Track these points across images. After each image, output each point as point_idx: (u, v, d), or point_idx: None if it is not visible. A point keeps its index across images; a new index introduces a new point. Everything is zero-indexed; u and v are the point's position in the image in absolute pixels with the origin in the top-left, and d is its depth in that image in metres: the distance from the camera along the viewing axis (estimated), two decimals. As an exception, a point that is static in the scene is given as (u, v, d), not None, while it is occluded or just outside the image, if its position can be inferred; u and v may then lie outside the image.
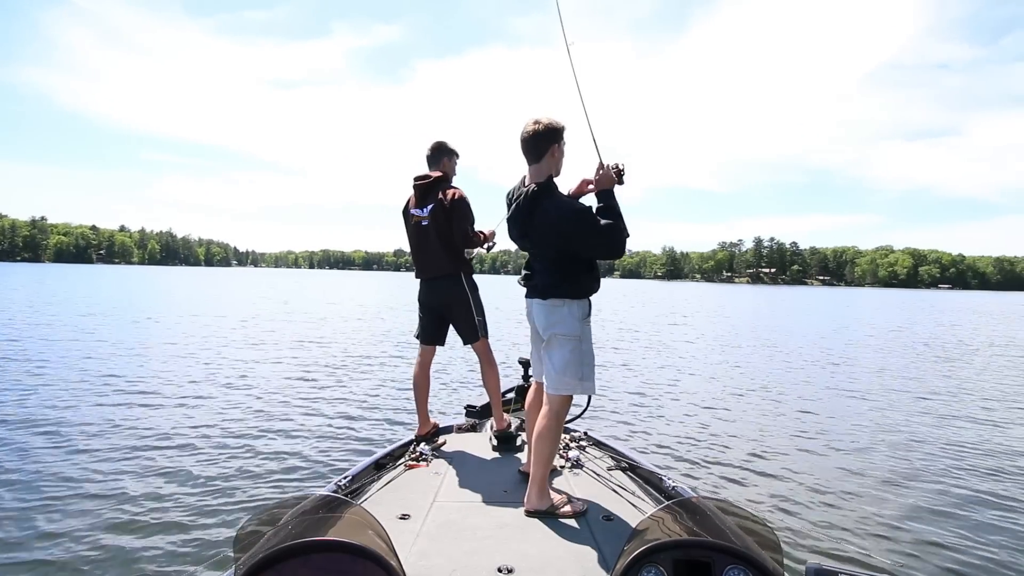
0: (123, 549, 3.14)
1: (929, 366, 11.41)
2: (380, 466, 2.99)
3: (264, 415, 6.12)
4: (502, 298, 31.62)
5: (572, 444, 3.27)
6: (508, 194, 2.71)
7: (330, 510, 1.61)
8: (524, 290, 2.62)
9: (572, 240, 2.42)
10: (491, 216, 3.38)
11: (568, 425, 3.73)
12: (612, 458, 3.10)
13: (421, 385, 3.48)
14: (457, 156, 3.43)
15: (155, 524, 3.44)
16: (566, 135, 2.54)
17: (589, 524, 2.30)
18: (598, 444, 3.38)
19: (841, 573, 1.37)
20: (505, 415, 3.57)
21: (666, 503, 1.85)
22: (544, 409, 2.50)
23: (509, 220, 2.63)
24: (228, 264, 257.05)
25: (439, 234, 3.25)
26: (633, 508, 2.43)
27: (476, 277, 3.46)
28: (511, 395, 4.07)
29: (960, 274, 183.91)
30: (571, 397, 2.51)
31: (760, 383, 9.03)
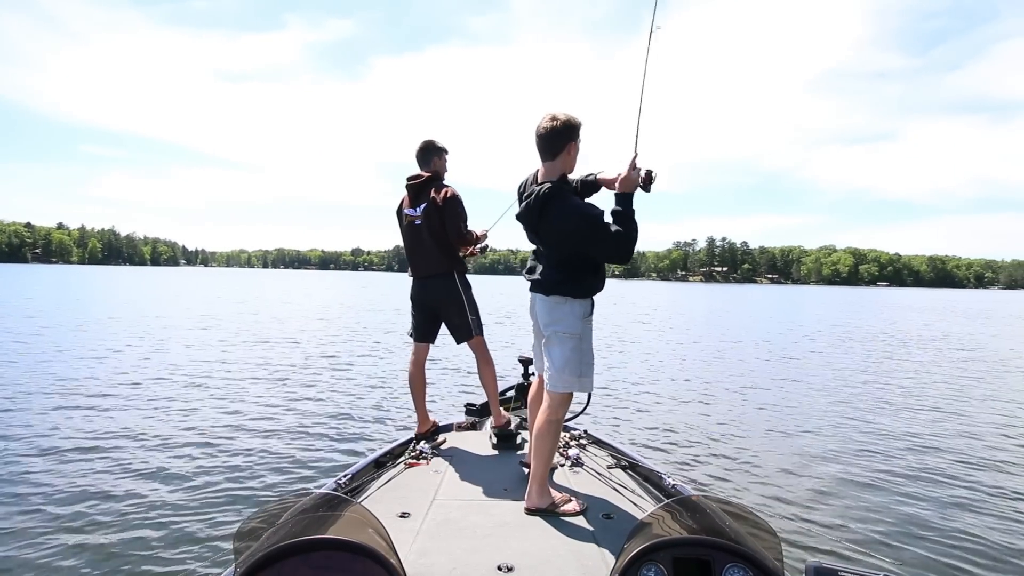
0: (123, 549, 3.15)
1: (919, 367, 11.41)
2: (380, 464, 2.99)
3: (264, 414, 6.12)
4: (500, 296, 31.55)
5: (572, 442, 3.27)
6: (519, 186, 2.66)
7: (330, 508, 1.61)
8: (527, 285, 2.58)
9: (580, 245, 2.40)
10: (478, 219, 3.39)
11: (568, 423, 3.73)
12: (612, 456, 3.10)
13: (417, 383, 3.49)
14: (446, 152, 3.45)
15: (155, 524, 3.44)
16: (582, 132, 2.47)
17: (589, 522, 2.30)
18: (598, 442, 3.38)
19: (841, 571, 1.37)
20: (505, 412, 3.57)
21: (666, 501, 1.85)
22: (544, 406, 2.50)
23: (519, 217, 2.59)
24: (176, 263, 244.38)
25: (432, 233, 3.27)
26: (633, 506, 2.43)
27: (470, 276, 3.47)
28: (511, 393, 4.07)
29: (897, 272, 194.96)
30: (571, 395, 2.50)
31: (759, 382, 9.03)
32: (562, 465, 2.98)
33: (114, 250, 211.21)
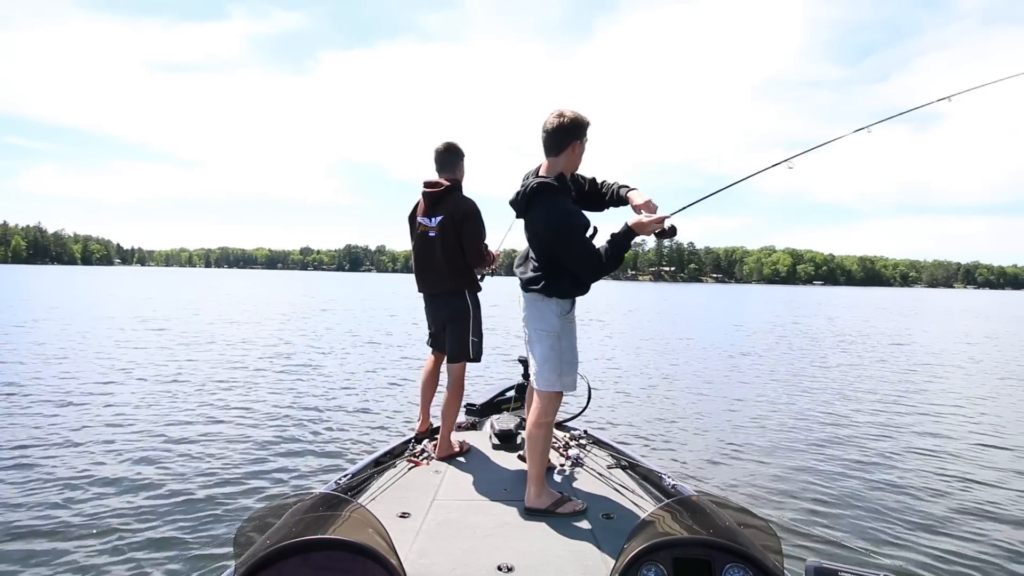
0: (122, 549, 3.14)
1: (910, 368, 11.42)
2: (380, 464, 2.98)
3: (264, 414, 6.12)
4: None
5: (572, 442, 3.27)
6: (524, 177, 2.60)
7: (330, 508, 1.61)
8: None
9: (552, 248, 2.38)
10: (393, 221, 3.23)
11: (568, 423, 3.73)
12: (612, 456, 3.10)
13: (428, 387, 3.43)
14: (464, 156, 3.23)
15: (155, 524, 3.44)
16: (589, 132, 2.43)
17: (589, 522, 2.30)
18: (598, 442, 3.38)
19: (841, 571, 1.37)
20: (506, 414, 3.57)
21: (666, 501, 1.85)
22: (533, 406, 2.49)
23: (510, 203, 2.56)
24: (110, 262, 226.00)
25: (446, 249, 3.05)
26: (633, 506, 2.43)
27: None
28: (511, 393, 4.07)
29: (831, 272, 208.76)
30: (559, 394, 2.48)
31: (758, 381, 9.03)
32: (562, 465, 2.98)
33: (40, 248, 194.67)
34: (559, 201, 2.36)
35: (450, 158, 3.13)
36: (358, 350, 11.43)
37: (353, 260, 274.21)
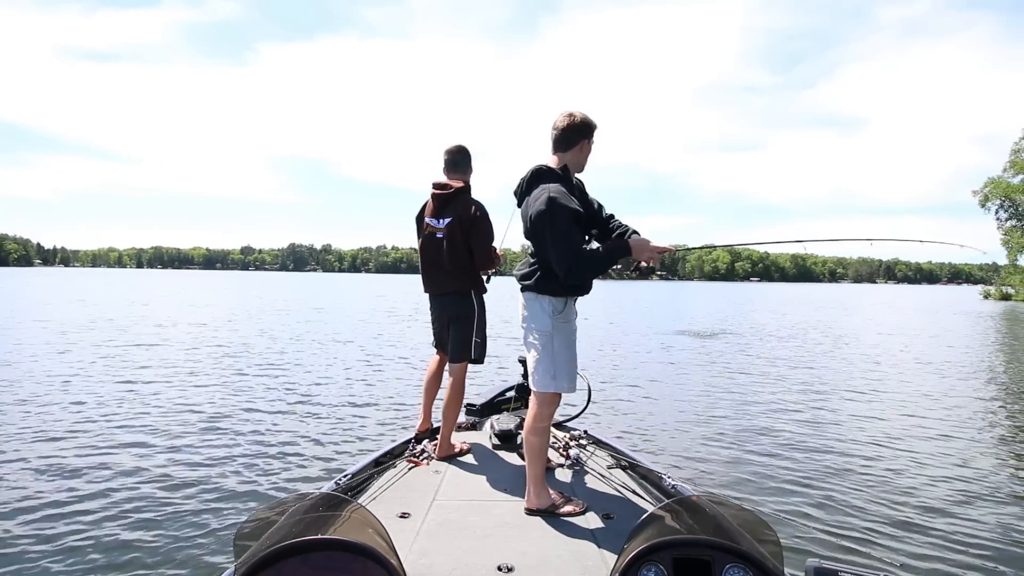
0: (122, 548, 3.14)
1: (905, 364, 11.42)
2: (380, 464, 2.98)
3: (263, 413, 6.12)
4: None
5: (572, 443, 3.27)
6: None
7: (330, 508, 1.61)
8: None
9: (537, 229, 2.35)
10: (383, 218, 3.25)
11: (568, 424, 3.73)
12: (612, 456, 3.10)
13: (432, 386, 3.43)
14: (472, 158, 3.26)
15: (154, 524, 3.44)
16: (596, 135, 2.52)
17: (589, 522, 2.30)
18: (598, 443, 3.38)
19: (841, 572, 1.37)
20: (506, 414, 3.57)
21: (666, 501, 1.85)
22: (530, 406, 2.48)
23: (515, 192, 2.60)
24: (29, 263, 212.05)
25: (453, 251, 3.08)
26: (633, 506, 2.43)
27: None
28: (511, 393, 4.07)
29: (766, 269, 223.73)
30: (556, 396, 2.46)
31: (756, 382, 9.03)
32: (562, 465, 2.98)
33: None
34: (555, 184, 2.40)
35: (461, 160, 3.18)
36: (358, 350, 11.43)
37: (297, 260, 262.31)
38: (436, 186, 3.15)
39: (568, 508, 2.39)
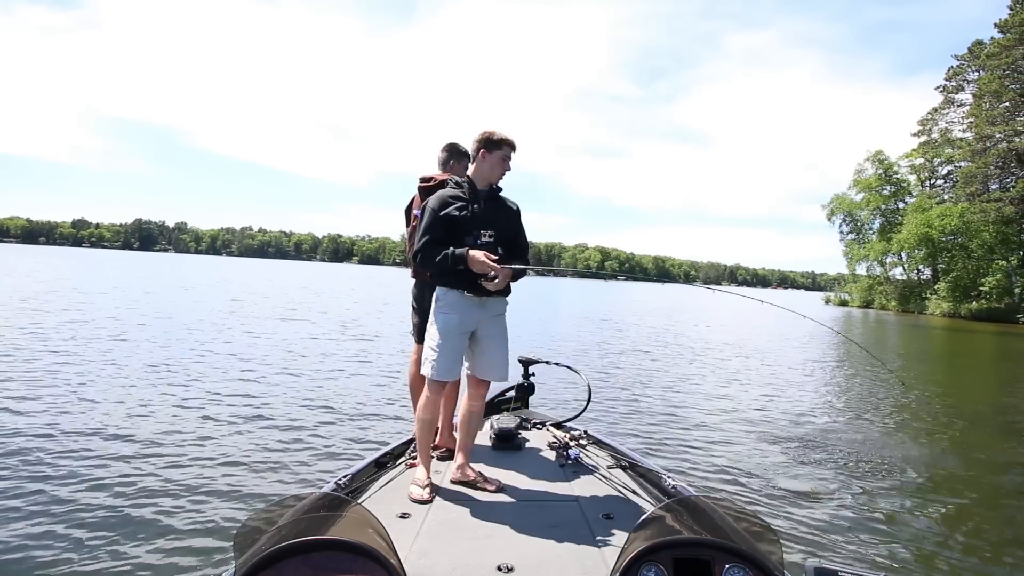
0: (122, 548, 3.14)
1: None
2: (380, 465, 2.99)
3: (263, 413, 6.11)
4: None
5: (572, 442, 3.27)
6: None
7: (330, 509, 1.61)
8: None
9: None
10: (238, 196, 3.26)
11: (568, 423, 3.73)
12: (612, 456, 3.10)
13: (418, 385, 3.43)
14: (468, 159, 3.32)
15: (154, 524, 3.44)
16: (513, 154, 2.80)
17: (589, 522, 2.30)
18: (598, 443, 3.38)
19: (841, 572, 1.37)
20: (506, 414, 3.57)
21: (666, 501, 1.85)
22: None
23: None
24: None
25: None
26: (633, 506, 2.43)
27: None
28: (511, 394, 4.07)
29: (632, 268, 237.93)
30: (436, 381, 2.69)
31: (756, 382, 9.04)
32: (562, 465, 2.98)
33: None
34: (443, 191, 2.73)
35: (453, 158, 3.30)
36: (357, 349, 11.42)
37: (145, 238, 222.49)
38: (422, 179, 3.30)
39: (487, 485, 2.62)
